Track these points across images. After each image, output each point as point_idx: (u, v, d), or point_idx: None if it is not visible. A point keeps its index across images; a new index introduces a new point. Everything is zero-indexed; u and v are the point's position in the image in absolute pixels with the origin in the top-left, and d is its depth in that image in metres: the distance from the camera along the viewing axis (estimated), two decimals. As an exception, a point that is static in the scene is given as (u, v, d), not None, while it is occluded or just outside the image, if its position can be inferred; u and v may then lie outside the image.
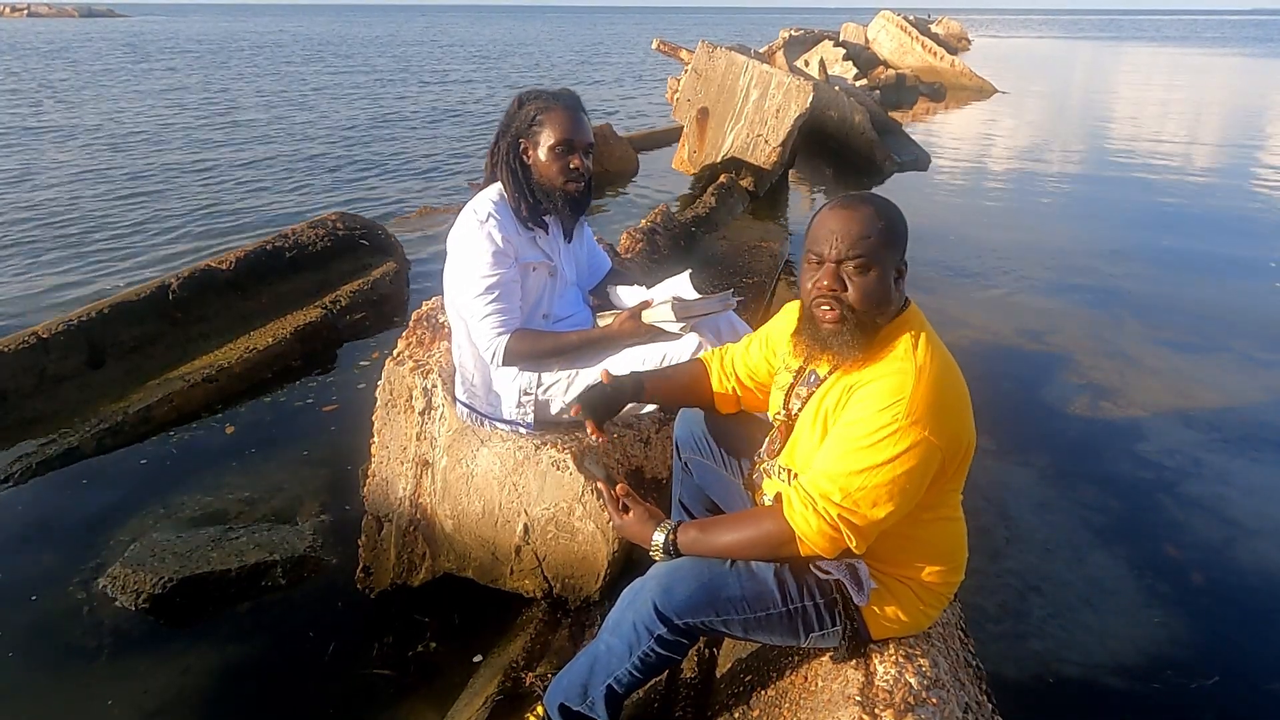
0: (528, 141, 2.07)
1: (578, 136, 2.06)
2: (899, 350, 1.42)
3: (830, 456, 1.41)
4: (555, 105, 2.06)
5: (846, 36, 18.64)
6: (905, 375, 1.37)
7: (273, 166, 8.86)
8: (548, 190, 2.09)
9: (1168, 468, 3.28)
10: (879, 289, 1.42)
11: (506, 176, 2.08)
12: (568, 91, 2.12)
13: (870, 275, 1.41)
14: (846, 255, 1.41)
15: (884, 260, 1.42)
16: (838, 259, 1.41)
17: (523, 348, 2.07)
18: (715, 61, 6.95)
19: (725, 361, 1.82)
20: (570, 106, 2.08)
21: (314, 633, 2.33)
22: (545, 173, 2.07)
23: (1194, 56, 35.74)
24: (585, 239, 2.40)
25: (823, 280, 1.43)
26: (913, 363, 1.38)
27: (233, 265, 4.31)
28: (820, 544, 1.41)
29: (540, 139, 2.05)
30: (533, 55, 28.82)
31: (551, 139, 2.04)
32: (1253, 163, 10.53)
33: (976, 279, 5.55)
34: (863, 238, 1.40)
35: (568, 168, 2.06)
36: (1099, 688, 2.22)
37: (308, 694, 2.14)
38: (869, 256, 1.40)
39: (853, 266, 1.41)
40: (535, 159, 2.07)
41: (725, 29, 52.07)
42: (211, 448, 3.28)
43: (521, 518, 2.19)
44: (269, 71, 20.24)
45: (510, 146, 2.08)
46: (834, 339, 1.44)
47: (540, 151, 2.06)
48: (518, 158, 2.08)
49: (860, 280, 1.41)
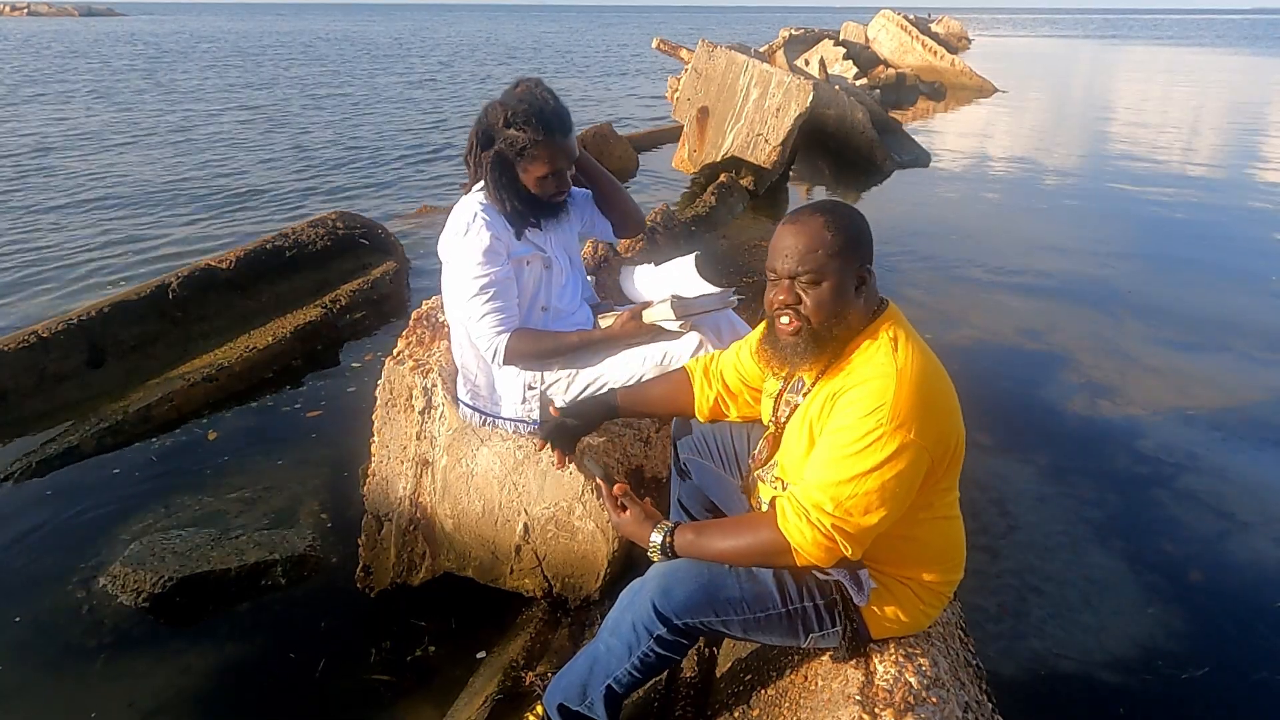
0: (514, 163, 2.02)
1: (564, 164, 2.06)
2: (879, 354, 1.42)
3: (819, 466, 1.41)
4: (545, 140, 1.98)
5: (846, 36, 18.60)
6: (887, 379, 1.37)
7: (273, 165, 8.86)
8: (533, 200, 2.08)
9: (1166, 465, 3.28)
10: (831, 301, 1.44)
11: (493, 189, 2.05)
12: (554, 109, 2.00)
13: (822, 288, 1.44)
14: (797, 270, 1.44)
15: (836, 271, 1.44)
16: (790, 274, 1.45)
17: (523, 347, 2.06)
18: (715, 60, 6.95)
19: (712, 369, 1.81)
20: (557, 138, 2.00)
21: (314, 632, 2.33)
22: (535, 190, 2.06)
23: (1194, 56, 35.73)
24: (578, 209, 2.31)
25: (779, 295, 1.47)
26: (893, 366, 1.39)
27: (232, 264, 4.31)
28: (816, 554, 1.41)
29: (529, 167, 2.02)
30: (534, 55, 28.79)
31: (541, 171, 2.02)
32: (1253, 162, 10.53)
33: (976, 277, 5.54)
34: (810, 252, 1.43)
35: (558, 187, 2.08)
36: (1098, 685, 2.22)
37: (308, 693, 2.14)
38: (817, 271, 1.43)
39: (805, 280, 1.44)
40: (523, 178, 2.05)
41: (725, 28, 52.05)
42: (212, 447, 3.28)
43: (521, 517, 2.19)
44: (268, 71, 20.22)
45: (495, 162, 2.02)
46: (789, 349, 1.48)
47: (529, 176, 2.04)
48: (505, 173, 2.04)
49: (813, 293, 1.44)
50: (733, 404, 1.79)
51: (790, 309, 1.46)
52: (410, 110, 13.46)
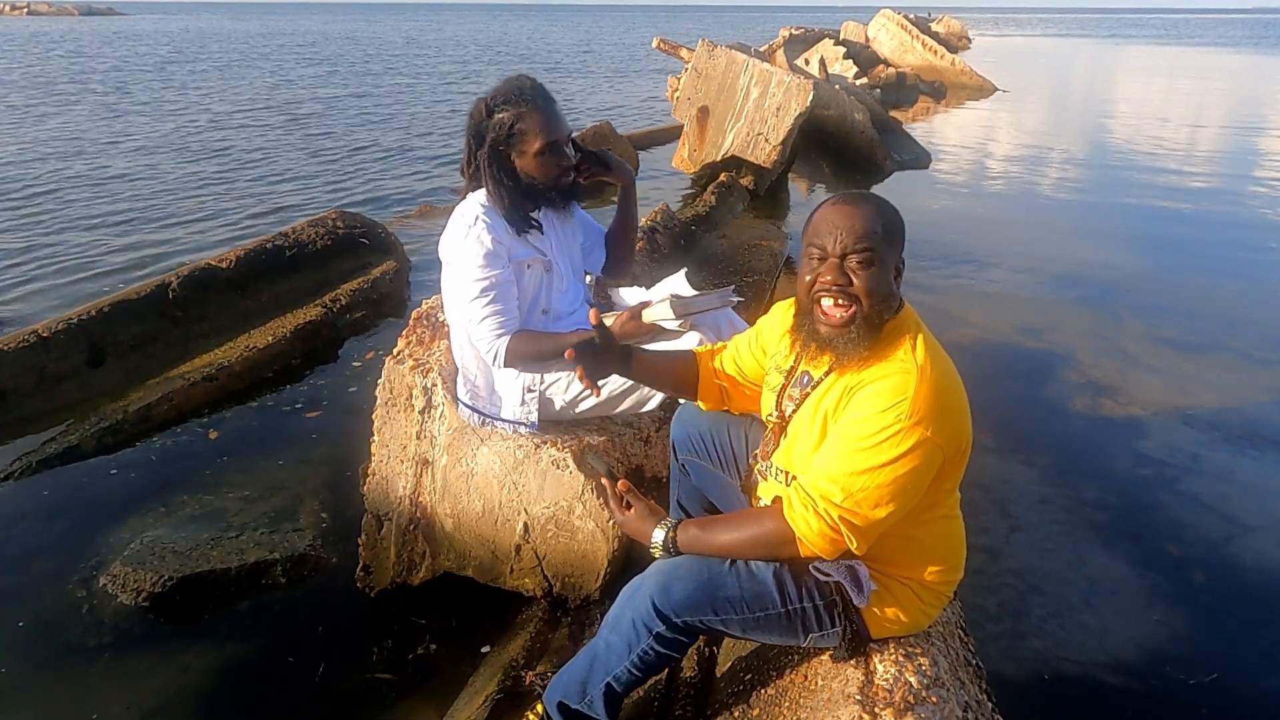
0: (509, 149, 2.03)
1: (559, 135, 2.04)
2: (899, 351, 1.41)
3: (831, 457, 1.40)
4: (529, 109, 1.99)
5: (847, 35, 18.59)
6: (907, 375, 1.36)
7: (272, 164, 8.86)
8: (540, 189, 2.08)
9: (1168, 466, 3.28)
10: (885, 283, 1.41)
11: (492, 186, 2.04)
12: (531, 87, 2.02)
13: (874, 269, 1.40)
14: (852, 249, 1.39)
15: (887, 256, 1.41)
16: (842, 253, 1.40)
17: (523, 349, 2.06)
18: (715, 60, 6.94)
19: (715, 359, 1.82)
20: (543, 107, 2.01)
21: (314, 631, 2.33)
22: (536, 174, 2.05)
23: (1195, 55, 35.71)
24: (579, 223, 2.34)
25: (825, 274, 1.41)
26: (914, 362, 1.38)
27: (233, 264, 4.31)
28: (820, 545, 1.40)
29: (524, 147, 2.01)
30: (533, 54, 28.78)
31: (536, 144, 2.00)
32: (1253, 162, 10.52)
33: (977, 277, 5.55)
34: (869, 233, 1.39)
35: (558, 165, 2.06)
36: (1099, 686, 2.22)
37: (307, 692, 2.14)
38: (875, 250, 1.39)
39: (857, 260, 1.39)
40: (522, 165, 2.04)
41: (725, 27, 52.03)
42: (211, 447, 3.28)
43: (521, 516, 2.19)
44: (269, 71, 20.22)
45: (490, 157, 2.02)
46: (840, 338, 1.41)
47: (526, 158, 2.03)
48: (502, 168, 2.04)
49: (866, 274, 1.39)
50: (735, 395, 1.80)
51: (840, 291, 1.40)
52: (410, 110, 13.45)
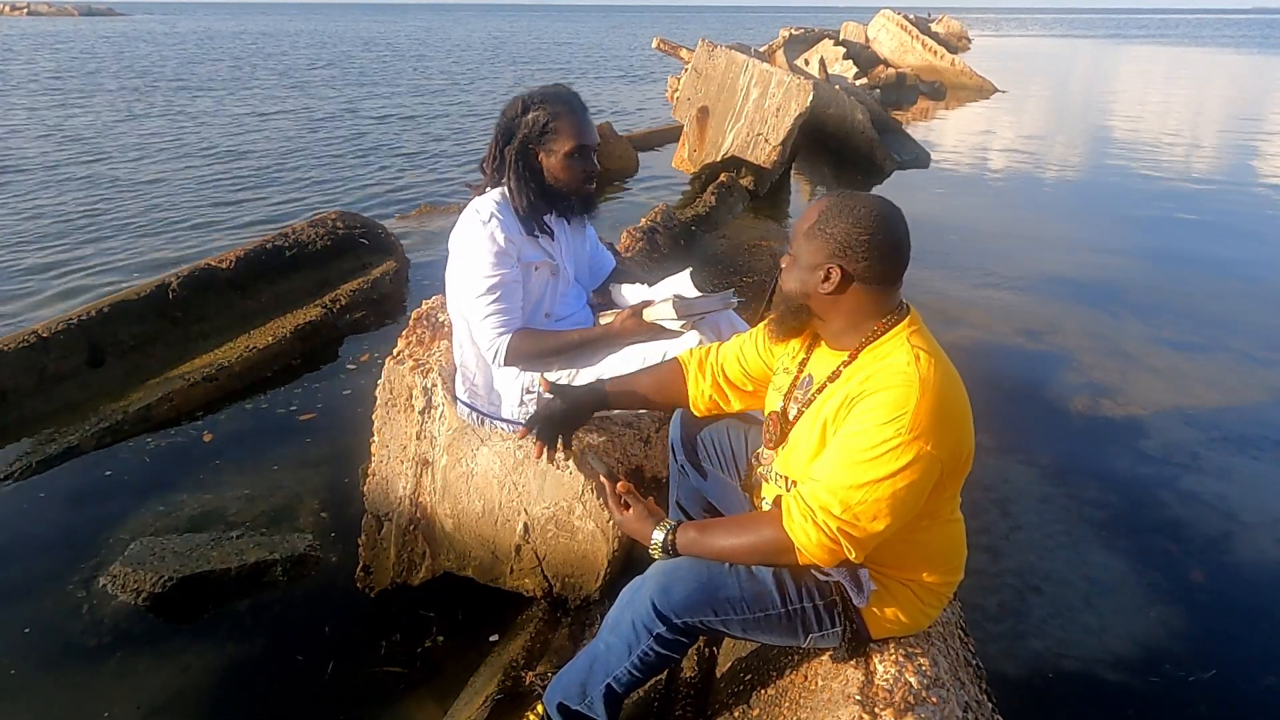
0: (539, 148, 2.06)
1: (590, 140, 2.08)
2: (900, 361, 1.39)
3: (830, 468, 1.39)
4: (565, 111, 2.04)
5: (846, 35, 18.59)
6: (909, 388, 1.35)
7: (273, 165, 8.85)
8: (562, 193, 2.10)
9: (1168, 465, 3.28)
10: (790, 282, 1.51)
11: (515, 183, 2.07)
12: (569, 92, 2.10)
13: (784, 269, 1.52)
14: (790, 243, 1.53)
15: (804, 255, 1.47)
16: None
17: (524, 347, 2.06)
18: (715, 60, 6.94)
19: (708, 362, 1.78)
20: (578, 111, 2.07)
21: (314, 632, 2.33)
22: (561, 177, 2.08)
23: (1195, 55, 35.71)
24: (588, 238, 2.39)
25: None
26: (916, 375, 1.36)
27: (232, 264, 4.30)
28: (819, 555, 1.40)
29: (554, 146, 2.04)
30: (535, 53, 28.79)
31: (567, 145, 2.04)
32: (1253, 162, 10.52)
33: (977, 277, 5.54)
34: (796, 232, 1.51)
35: (583, 170, 2.09)
36: (1099, 685, 2.22)
37: (307, 692, 2.14)
38: (791, 251, 1.52)
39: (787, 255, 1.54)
40: (549, 165, 2.07)
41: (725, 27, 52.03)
42: (211, 447, 3.28)
43: (521, 516, 2.19)
44: (268, 70, 20.22)
45: (519, 153, 2.06)
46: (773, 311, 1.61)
47: (555, 159, 2.06)
48: (528, 165, 2.07)
49: (783, 269, 1.53)
50: (734, 395, 1.77)
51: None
52: (412, 109, 13.45)
